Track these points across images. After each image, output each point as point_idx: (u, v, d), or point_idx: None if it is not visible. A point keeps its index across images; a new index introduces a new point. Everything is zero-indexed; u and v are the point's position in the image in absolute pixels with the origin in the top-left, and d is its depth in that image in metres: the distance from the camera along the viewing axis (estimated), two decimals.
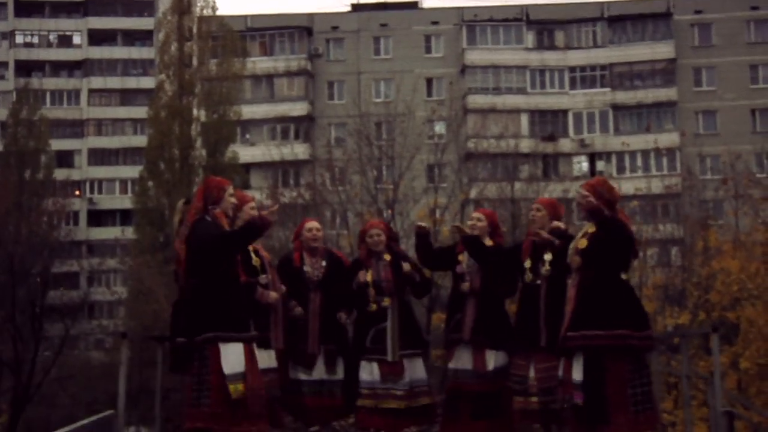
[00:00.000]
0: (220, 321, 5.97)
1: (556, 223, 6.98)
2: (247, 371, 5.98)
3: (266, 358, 6.73)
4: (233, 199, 6.41)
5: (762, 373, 21.69)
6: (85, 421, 5.42)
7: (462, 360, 7.37)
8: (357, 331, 7.64)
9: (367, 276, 7.54)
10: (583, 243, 6.37)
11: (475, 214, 7.82)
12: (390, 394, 7.34)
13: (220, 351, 5.94)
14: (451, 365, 7.47)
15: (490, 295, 7.43)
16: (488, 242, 7.52)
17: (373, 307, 7.47)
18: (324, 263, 7.63)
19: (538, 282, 7.13)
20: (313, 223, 7.90)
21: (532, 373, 7.08)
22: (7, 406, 28.57)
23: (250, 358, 6.04)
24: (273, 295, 6.96)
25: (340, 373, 7.60)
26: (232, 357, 5.95)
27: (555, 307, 6.75)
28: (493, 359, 7.34)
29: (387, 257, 7.60)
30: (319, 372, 7.50)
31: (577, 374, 6.17)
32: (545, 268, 6.89)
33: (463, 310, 7.40)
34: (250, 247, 6.73)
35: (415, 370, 7.50)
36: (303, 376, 7.45)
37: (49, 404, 28.75)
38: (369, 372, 7.41)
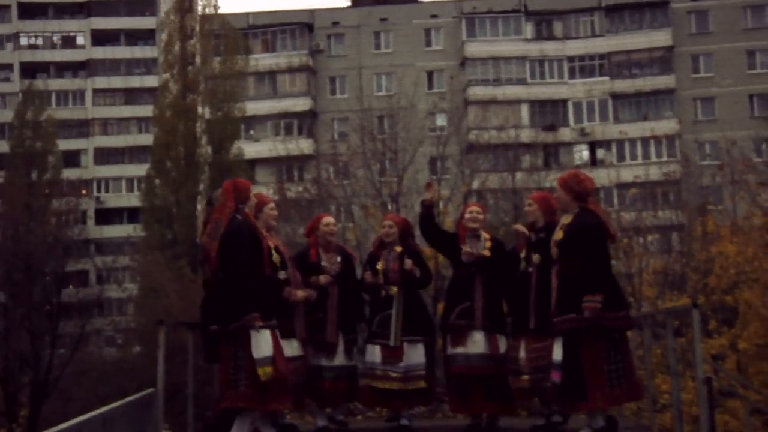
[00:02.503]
0: (251, 310, 6.50)
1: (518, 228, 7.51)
2: (276, 355, 6.54)
3: (292, 347, 7.28)
4: (255, 199, 6.99)
5: (760, 353, 22.20)
6: (130, 398, 5.98)
7: (475, 345, 7.81)
8: (369, 318, 8.16)
9: (378, 265, 8.06)
10: (560, 235, 6.88)
11: (475, 208, 8.29)
12: (387, 376, 7.85)
13: (251, 337, 6.50)
14: (460, 350, 7.84)
15: (495, 283, 7.95)
16: (485, 234, 8.05)
17: (382, 293, 7.98)
18: (339, 258, 8.10)
19: (530, 270, 7.66)
20: (329, 219, 8.33)
21: (522, 354, 7.63)
22: (26, 401, 29.29)
23: (276, 343, 6.60)
24: (300, 293, 7.46)
25: (355, 360, 8.06)
26: (261, 343, 6.49)
27: (544, 294, 7.25)
28: (503, 343, 7.87)
29: (398, 249, 8.11)
30: (339, 359, 7.95)
31: (557, 355, 6.71)
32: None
33: (471, 299, 7.87)
34: (271, 244, 7.25)
35: (414, 355, 7.93)
36: (324, 363, 7.90)
37: (65, 398, 29.41)
38: (372, 354, 7.95)
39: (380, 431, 8.22)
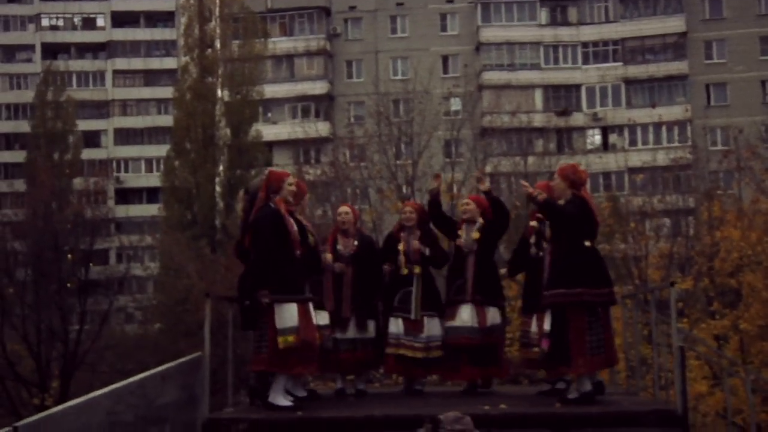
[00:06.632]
0: (275, 287, 7.34)
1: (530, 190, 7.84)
2: (300, 326, 7.31)
3: (323, 317, 8.08)
4: (292, 188, 7.74)
5: (761, 334, 23.00)
6: (180, 360, 6.83)
7: (463, 319, 8.66)
8: (387, 293, 9.04)
9: (400, 246, 8.96)
10: None
11: (466, 200, 9.18)
12: (411, 346, 8.76)
13: (275, 310, 7.33)
14: (450, 324, 8.71)
15: (487, 262, 8.79)
16: (480, 221, 8.88)
17: (405, 271, 8.87)
18: (356, 243, 8.98)
19: (541, 254, 8.48)
20: (343, 208, 9.32)
21: (534, 329, 8.51)
22: (57, 373, 30.51)
23: (303, 315, 7.36)
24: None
25: (371, 332, 8.96)
26: (285, 315, 7.29)
27: None
28: (494, 315, 8.71)
29: (417, 232, 9.00)
30: (351, 332, 8.83)
31: (547, 325, 7.59)
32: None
33: (464, 276, 8.73)
34: (307, 225, 8.14)
35: (433, 327, 8.84)
36: (339, 335, 8.79)
37: (90, 372, 30.58)
38: (395, 326, 8.85)
39: (396, 396, 9.07)
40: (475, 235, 8.78)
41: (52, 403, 26.16)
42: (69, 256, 33.16)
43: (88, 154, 53.89)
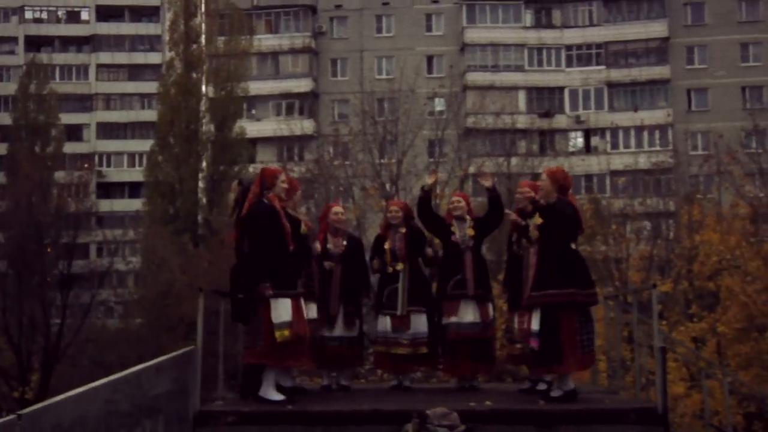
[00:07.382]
0: (264, 280, 7.43)
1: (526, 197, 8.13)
2: (294, 320, 7.46)
3: (312, 310, 8.29)
4: (285, 185, 7.88)
5: (739, 336, 23.30)
6: (174, 353, 6.94)
7: (466, 313, 8.82)
8: (377, 291, 9.22)
9: (386, 245, 9.12)
10: (539, 220, 7.87)
11: (456, 197, 9.36)
12: (398, 342, 8.95)
13: (271, 304, 7.46)
14: (453, 320, 8.83)
15: (481, 257, 9.05)
16: (468, 218, 9.09)
17: (389, 269, 9.04)
18: (345, 242, 9.14)
19: (522, 252, 8.66)
20: (338, 208, 9.42)
21: (516, 325, 8.69)
22: (38, 366, 30.46)
23: (297, 309, 7.52)
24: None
25: (356, 330, 9.11)
26: (280, 309, 7.43)
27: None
28: (489, 310, 8.94)
29: (403, 230, 9.17)
30: (338, 329, 8.98)
31: (535, 325, 7.69)
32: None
33: (462, 271, 8.88)
34: (301, 217, 8.27)
35: (419, 324, 9.00)
36: (326, 333, 8.94)
37: (71, 365, 30.59)
38: (383, 324, 9.05)
39: (383, 392, 9.20)
40: (471, 231, 8.97)
41: (32, 396, 26.15)
42: (48, 249, 33.13)
43: (70, 147, 53.65)
